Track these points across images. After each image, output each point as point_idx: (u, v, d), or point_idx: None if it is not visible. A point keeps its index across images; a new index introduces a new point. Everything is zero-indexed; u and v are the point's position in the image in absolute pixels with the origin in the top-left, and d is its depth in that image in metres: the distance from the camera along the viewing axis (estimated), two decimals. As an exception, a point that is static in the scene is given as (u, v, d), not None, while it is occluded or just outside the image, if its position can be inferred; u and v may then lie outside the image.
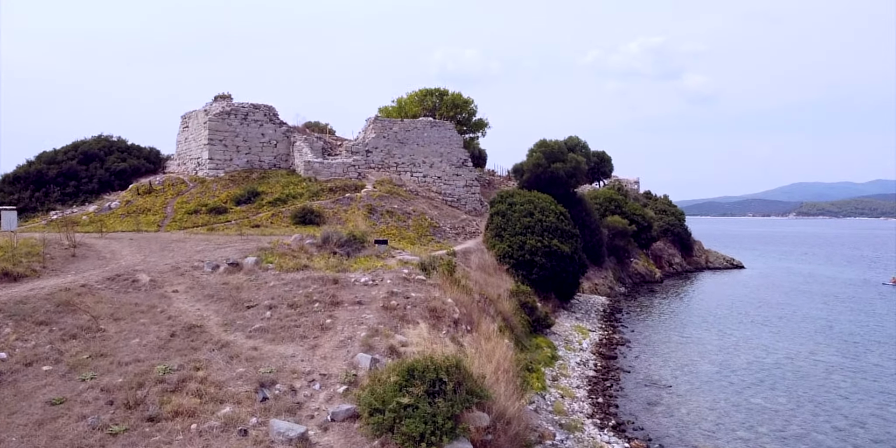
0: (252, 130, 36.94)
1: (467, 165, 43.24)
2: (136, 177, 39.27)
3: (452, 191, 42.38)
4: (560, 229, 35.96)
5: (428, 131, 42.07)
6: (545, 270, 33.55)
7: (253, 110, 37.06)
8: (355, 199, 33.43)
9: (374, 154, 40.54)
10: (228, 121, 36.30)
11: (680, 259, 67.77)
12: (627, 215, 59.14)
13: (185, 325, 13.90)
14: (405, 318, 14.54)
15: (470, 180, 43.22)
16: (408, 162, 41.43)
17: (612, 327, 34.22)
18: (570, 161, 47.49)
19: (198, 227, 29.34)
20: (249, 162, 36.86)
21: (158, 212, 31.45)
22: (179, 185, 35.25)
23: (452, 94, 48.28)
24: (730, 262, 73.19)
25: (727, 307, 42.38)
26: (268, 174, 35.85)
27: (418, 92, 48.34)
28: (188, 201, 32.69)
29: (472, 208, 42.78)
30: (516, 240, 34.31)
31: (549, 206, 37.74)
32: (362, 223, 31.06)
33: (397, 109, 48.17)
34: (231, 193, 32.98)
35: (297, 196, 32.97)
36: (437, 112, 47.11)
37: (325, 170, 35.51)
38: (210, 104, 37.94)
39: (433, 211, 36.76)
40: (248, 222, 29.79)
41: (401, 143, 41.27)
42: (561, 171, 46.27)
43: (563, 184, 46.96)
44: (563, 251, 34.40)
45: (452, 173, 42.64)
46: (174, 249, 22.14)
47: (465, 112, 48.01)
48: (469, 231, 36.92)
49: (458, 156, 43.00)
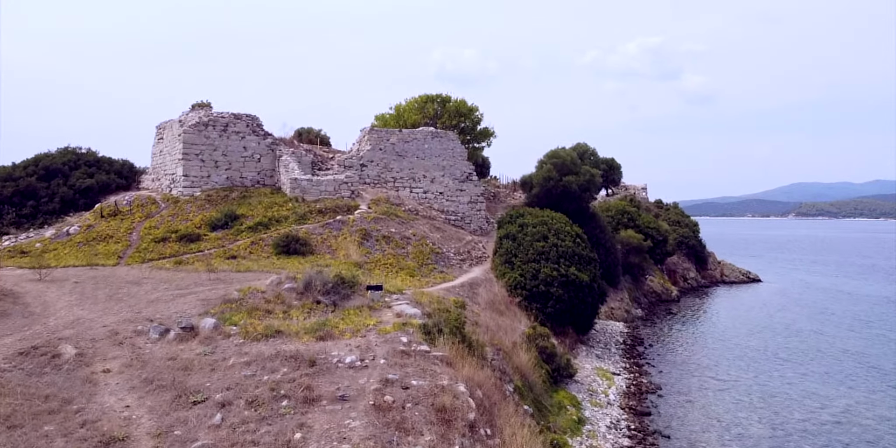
0: (233, 143, 33.07)
1: (472, 180, 39.42)
2: (104, 194, 35.37)
3: (456, 208, 38.54)
4: (577, 255, 32.13)
5: (429, 143, 38.24)
6: (562, 303, 29.74)
7: (234, 121, 33.19)
8: (347, 222, 29.58)
9: (369, 168, 36.69)
10: (206, 133, 32.43)
11: (695, 273, 64.01)
12: (641, 229, 55.45)
13: (102, 437, 10.12)
14: (403, 426, 10.73)
15: (475, 196, 39.39)
16: (406, 177, 37.59)
17: (638, 367, 30.38)
18: (583, 174, 43.71)
19: (165, 258, 25.45)
20: (229, 179, 32.98)
21: (122, 239, 27.56)
22: (149, 205, 31.36)
23: (456, 100, 44.42)
24: (746, 275, 69.43)
25: (756, 336, 38.55)
26: (249, 193, 31.97)
27: (418, 98, 44.50)
28: (157, 226, 28.82)
29: (478, 227, 38.95)
30: (529, 268, 30.47)
31: (564, 228, 33.92)
32: (355, 252, 27.24)
33: (395, 118, 44.32)
34: (206, 217, 29.11)
35: (281, 220, 29.11)
36: (438, 121, 43.26)
37: (313, 188, 31.68)
38: (186, 113, 34.08)
39: (435, 234, 32.92)
40: (223, 253, 25.93)
41: (399, 156, 37.43)
42: (574, 184, 42.50)
43: (576, 198, 43.19)
44: (581, 280, 30.58)
45: (456, 189, 38.81)
46: (123, 298, 18.27)
47: (469, 120, 44.16)
48: (475, 256, 33.09)
49: (462, 169, 39.17)
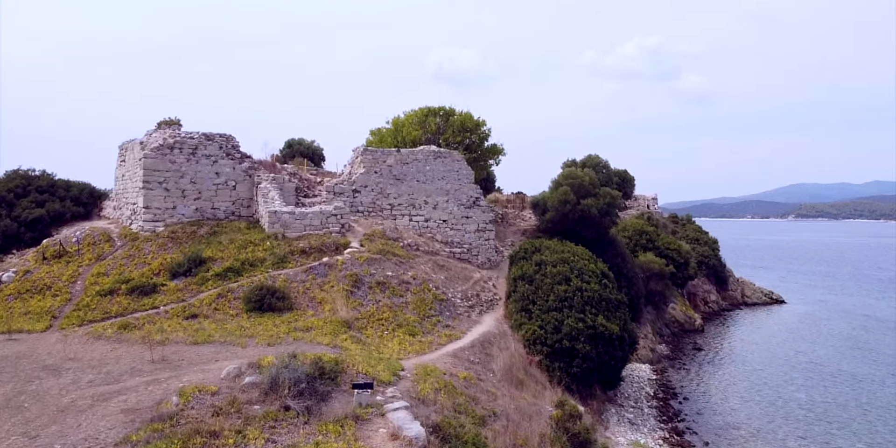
0: (203, 169, 28.41)
1: (479, 205, 34.79)
2: (58, 226, 30.71)
3: (461, 238, 33.91)
4: (605, 299, 27.52)
5: (431, 164, 33.61)
6: (589, 361, 25.13)
7: (204, 142, 28.51)
8: (335, 265, 24.93)
9: (362, 194, 32.05)
10: (171, 156, 27.77)
11: (716, 296, 59.43)
12: (661, 251, 50.91)
13: None
14: None
15: (483, 224, 34.76)
16: (405, 203, 32.95)
17: (678, 434, 25.79)
18: (602, 196, 39.10)
19: (109, 318, 20.78)
20: (199, 210, 28.32)
21: (62, 291, 22.87)
22: (103, 243, 26.68)
23: (460, 114, 39.74)
24: (768, 296, 64.88)
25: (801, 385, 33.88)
26: (221, 228, 27.31)
27: (418, 111, 39.81)
28: (108, 272, 24.15)
29: (486, 259, 34.31)
30: (550, 318, 25.86)
31: (588, 266, 29.31)
32: (343, 306, 22.59)
33: (392, 133, 39.66)
34: (167, 260, 24.45)
35: (256, 263, 24.46)
36: (441, 137, 38.62)
37: (296, 222, 27.03)
38: (150, 133, 29.43)
39: (438, 274, 28.29)
40: (181, 310, 21.26)
41: (397, 180, 32.79)
42: (593, 208, 37.90)
43: (595, 224, 38.59)
44: (611, 332, 25.98)
45: (461, 215, 34.18)
46: (24, 405, 13.60)
47: (475, 136, 39.52)
48: (485, 299, 28.45)
49: (469, 194, 34.55)
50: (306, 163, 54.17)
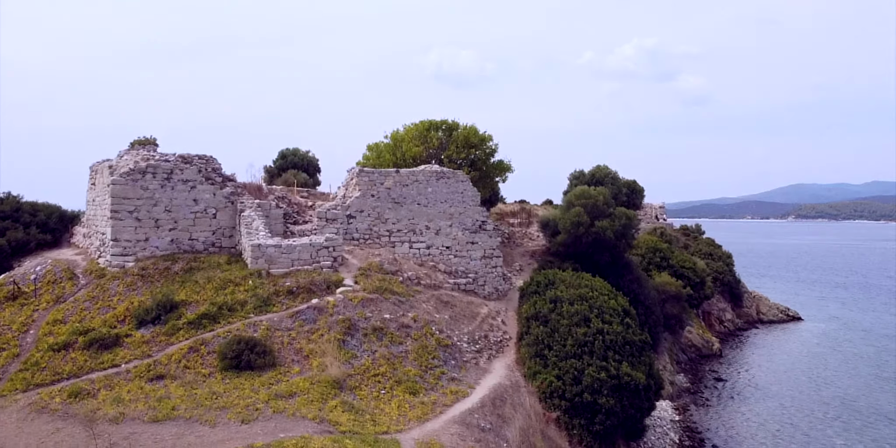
0: (179, 196, 25.46)
1: (485, 229, 31.87)
2: (20, 256, 27.79)
3: (467, 266, 30.99)
4: (629, 342, 24.60)
5: (433, 185, 30.70)
6: (613, 417, 22.23)
7: (181, 165, 25.55)
8: (326, 308, 22.01)
9: (358, 220, 29.12)
10: (144, 182, 24.83)
11: (731, 314, 56.58)
12: (675, 269, 48.05)
13: None
14: None
15: (489, 250, 31.85)
16: (405, 229, 30.04)
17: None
18: (618, 217, 36.21)
19: (61, 381, 17.86)
20: (175, 242, 25.37)
21: (10, 344, 19.91)
22: (65, 282, 23.73)
23: (464, 127, 36.74)
24: (784, 313, 62.01)
25: (834, 425, 30.94)
26: (199, 263, 24.35)
27: (418, 124, 36.83)
28: (66, 318, 21.21)
29: (494, 289, 31.40)
30: (568, 367, 22.95)
31: (608, 303, 26.40)
32: (334, 361, 19.66)
33: (391, 148, 36.67)
34: (134, 304, 21.52)
35: (235, 307, 21.53)
36: (444, 153, 35.65)
37: (283, 257, 24.09)
38: (122, 154, 26.51)
39: (442, 312, 25.37)
40: (145, 369, 18.33)
41: (396, 204, 29.87)
42: (608, 231, 35.01)
43: (610, 248, 35.71)
44: (637, 382, 23.06)
45: (466, 241, 31.27)
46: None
47: (480, 151, 36.54)
48: (494, 341, 25.54)
49: (474, 217, 31.63)
50: (297, 183, 51.06)
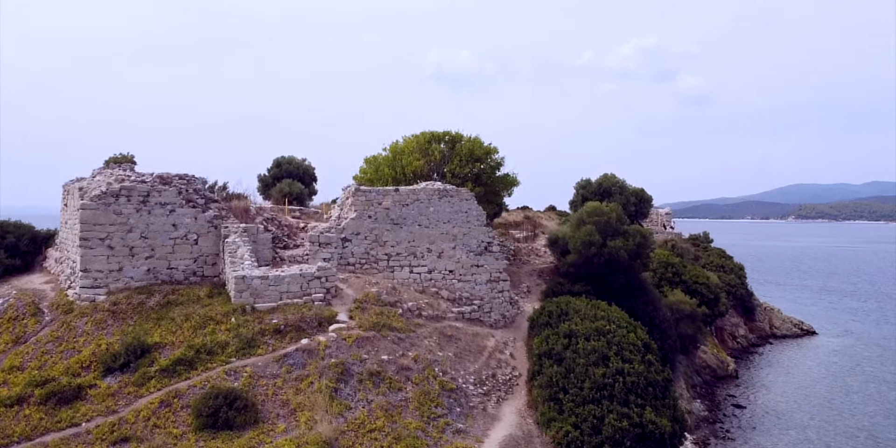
0: (157, 220, 23.15)
1: (491, 251, 29.59)
2: (-15, 283, 25.49)
3: (471, 291, 28.72)
4: (652, 383, 22.33)
5: (435, 204, 28.41)
6: (637, 471, 19.97)
7: (159, 187, 23.24)
8: (316, 350, 19.73)
9: (354, 243, 26.83)
10: (117, 206, 22.52)
11: (744, 330, 54.30)
12: (689, 285, 45.84)
13: None
14: None
15: (496, 273, 29.57)
16: (405, 252, 27.75)
17: None
18: (632, 235, 33.91)
19: (10, 445, 15.58)
20: (152, 271, 23.06)
21: (-43, 397, 17.63)
22: (27, 318, 21.43)
23: (468, 139, 34.39)
24: (798, 326, 59.74)
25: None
26: (178, 295, 22.05)
27: (419, 136, 34.47)
28: (24, 364, 18.93)
29: (501, 315, 29.13)
30: (586, 413, 20.65)
31: (627, 337, 24.13)
32: (325, 415, 17.35)
33: (389, 161, 34.32)
34: (102, 347, 19.24)
35: (215, 350, 19.25)
36: (446, 167, 33.32)
37: (270, 289, 21.80)
38: (95, 173, 24.22)
39: (446, 348, 23.09)
40: (108, 430, 16.03)
41: (395, 225, 27.58)
42: (622, 251, 32.70)
43: (624, 269, 33.40)
44: (662, 430, 20.79)
45: (471, 264, 28.99)
46: None
47: (486, 165, 34.23)
48: (503, 380, 23.25)
49: (479, 238, 29.35)
50: (292, 193, 48.82)
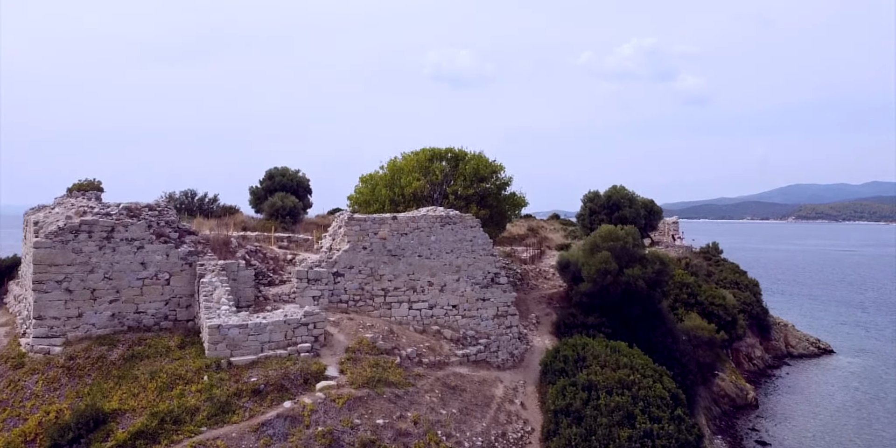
0: (123, 259, 20.48)
1: (499, 283, 26.95)
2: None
3: (476, 328, 26.07)
4: (683, 445, 19.72)
5: (437, 232, 25.75)
6: None
7: (125, 221, 20.55)
8: (301, 416, 17.06)
9: (346, 278, 24.15)
10: (76, 244, 19.85)
11: (761, 351, 51.62)
12: (705, 307, 43.38)
13: None
14: None
15: (503, 307, 26.94)
16: (404, 286, 25.08)
17: None
18: (651, 262, 31.27)
19: None
20: (117, 317, 20.38)
21: None
22: (-29, 374, 18.75)
23: (472, 156, 31.67)
24: (814, 345, 57.10)
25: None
26: (145, 347, 19.36)
27: (419, 153, 31.75)
28: (-41, 437, 16.25)
29: (509, 354, 26.48)
30: (612, 486, 18.03)
31: (653, 388, 21.52)
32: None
33: (387, 180, 31.60)
34: (51, 415, 16.56)
35: (183, 418, 16.56)
36: (449, 187, 30.63)
37: (249, 339, 19.14)
38: (54, 205, 21.53)
39: (450, 404, 20.42)
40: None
41: (392, 257, 24.91)
42: (640, 280, 30.07)
43: (643, 299, 30.79)
44: (697, 504, 18.15)
45: (476, 298, 26.34)
46: None
47: (492, 185, 31.52)
48: (514, 439, 20.57)
49: (485, 269, 26.71)
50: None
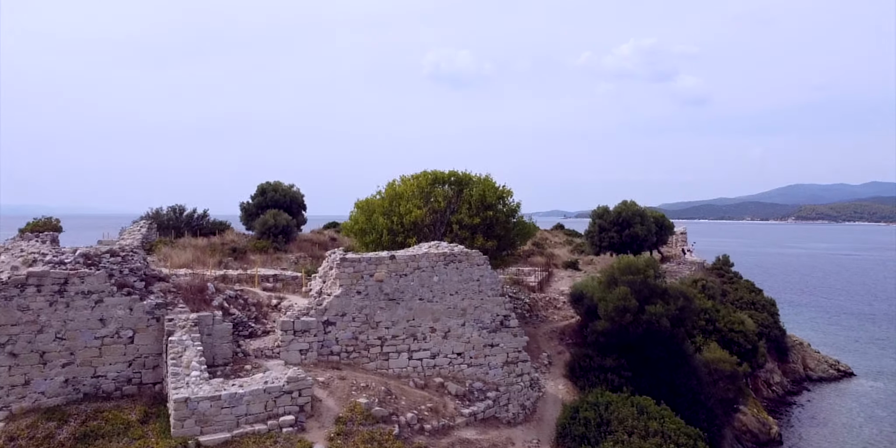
0: (78, 315, 17.75)
1: (509, 326, 24.23)
2: None
3: (485, 377, 23.34)
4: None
5: (440, 272, 23.02)
6: None
7: (82, 271, 17.77)
8: (282, 514, 14.33)
9: (338, 327, 21.41)
10: (22, 299, 17.10)
11: (780, 376, 48.96)
12: (724, 334, 40.69)
13: None
14: None
15: (514, 352, 24.21)
16: (403, 334, 22.35)
17: None
18: (674, 298, 28.57)
19: None
20: (71, 383, 17.63)
21: None
22: None
23: (478, 180, 28.89)
24: (834, 367, 54.43)
25: None
26: (101, 421, 16.59)
27: (420, 177, 28.93)
28: None
29: (520, 407, 23.75)
30: None
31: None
32: None
33: (384, 207, 28.77)
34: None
35: (139, 522, 13.81)
36: (453, 216, 27.86)
37: (223, 413, 16.41)
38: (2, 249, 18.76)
39: (456, 482, 17.71)
40: None
41: (390, 301, 22.17)
42: (663, 319, 27.36)
43: (666, 340, 28.10)
44: None
45: (483, 344, 23.62)
46: None
47: (499, 213, 28.73)
48: (530, 522, 17.90)
49: (494, 311, 23.98)
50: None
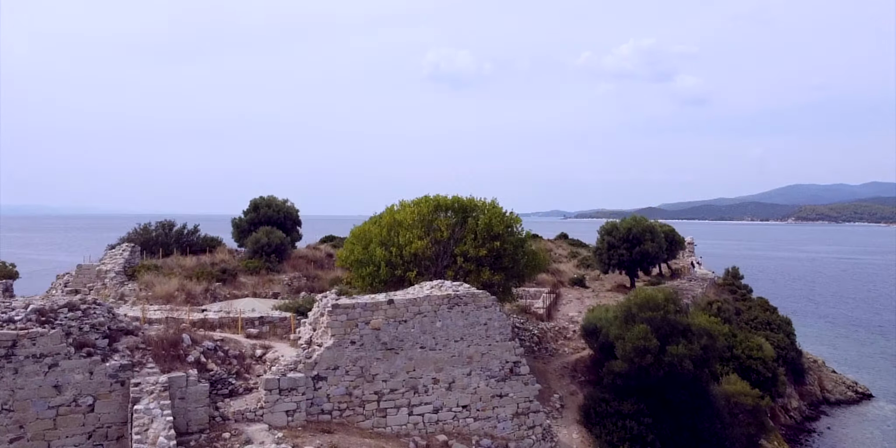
0: (29, 382, 15.48)
1: (519, 374, 21.94)
2: None
3: (492, 432, 21.06)
4: None
5: (444, 317, 20.73)
6: None
7: (34, 331, 15.49)
8: None
9: (330, 382, 19.12)
10: (-36, 365, 14.88)
11: (797, 400, 46.70)
12: (742, 361, 38.57)
13: None
14: None
15: (525, 402, 21.93)
16: (402, 387, 20.07)
17: None
18: (697, 335, 26.27)
19: None
20: (20, 459, 15.43)
21: None
22: None
23: (482, 206, 26.64)
24: (852, 388, 52.18)
25: None
26: (52, 510, 14.39)
27: (422, 203, 26.50)
28: None
29: (531, 464, 21.47)
30: None
31: None
32: None
33: (382, 236, 26.44)
34: None
35: None
36: (457, 247, 25.53)
37: (194, 501, 14.18)
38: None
39: None
40: None
41: (388, 351, 19.88)
42: (686, 361, 25.08)
43: (688, 383, 25.83)
44: None
45: (491, 394, 21.34)
46: None
47: (507, 244, 26.36)
48: None
49: (503, 357, 21.70)
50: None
